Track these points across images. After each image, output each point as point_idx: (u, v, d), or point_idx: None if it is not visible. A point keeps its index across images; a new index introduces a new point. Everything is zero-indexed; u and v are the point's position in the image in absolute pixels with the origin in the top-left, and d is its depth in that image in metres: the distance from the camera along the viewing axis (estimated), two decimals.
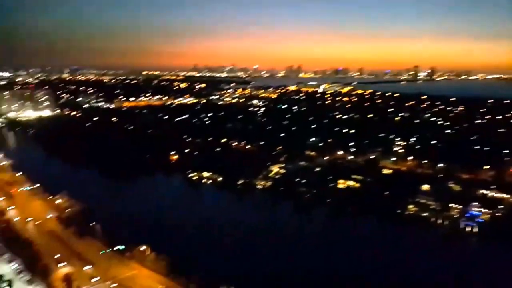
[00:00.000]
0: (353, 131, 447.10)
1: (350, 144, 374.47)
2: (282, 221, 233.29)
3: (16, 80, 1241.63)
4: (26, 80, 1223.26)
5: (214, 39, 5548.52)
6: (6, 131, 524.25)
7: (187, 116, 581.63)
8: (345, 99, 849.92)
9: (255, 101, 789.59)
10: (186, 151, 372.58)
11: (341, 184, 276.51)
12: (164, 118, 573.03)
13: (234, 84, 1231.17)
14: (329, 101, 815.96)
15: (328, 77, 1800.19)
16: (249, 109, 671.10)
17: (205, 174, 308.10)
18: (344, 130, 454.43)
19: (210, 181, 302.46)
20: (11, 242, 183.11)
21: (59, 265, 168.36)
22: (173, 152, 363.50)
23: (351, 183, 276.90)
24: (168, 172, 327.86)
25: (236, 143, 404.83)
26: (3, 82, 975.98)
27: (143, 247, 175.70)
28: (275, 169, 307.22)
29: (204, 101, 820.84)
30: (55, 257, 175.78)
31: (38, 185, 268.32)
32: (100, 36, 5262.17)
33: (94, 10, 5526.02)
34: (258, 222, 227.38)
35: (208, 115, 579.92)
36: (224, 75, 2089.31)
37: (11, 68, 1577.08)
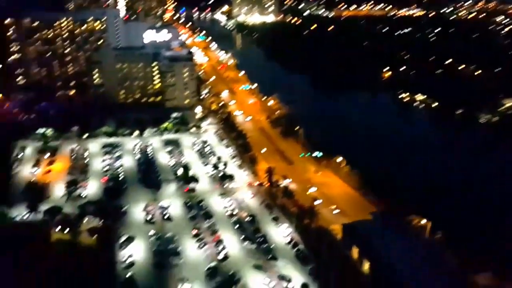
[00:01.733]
0: None
1: None
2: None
3: None
4: None
5: None
6: (235, 33, 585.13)
7: (409, 29, 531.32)
8: None
9: (499, 18, 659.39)
10: (401, 69, 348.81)
11: None
12: (384, 30, 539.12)
13: None
14: None
15: None
16: (489, 28, 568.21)
17: (419, 97, 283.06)
18: None
19: (423, 105, 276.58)
20: (230, 131, 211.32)
21: (263, 159, 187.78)
22: (387, 68, 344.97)
23: None
24: (378, 89, 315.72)
25: (463, 66, 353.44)
26: None
27: (340, 158, 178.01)
28: (508, 103, 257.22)
29: (433, 13, 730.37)
30: (262, 151, 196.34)
31: (256, 84, 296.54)
32: None
33: None
34: (474, 165, 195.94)
35: (435, 30, 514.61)
36: None
37: None
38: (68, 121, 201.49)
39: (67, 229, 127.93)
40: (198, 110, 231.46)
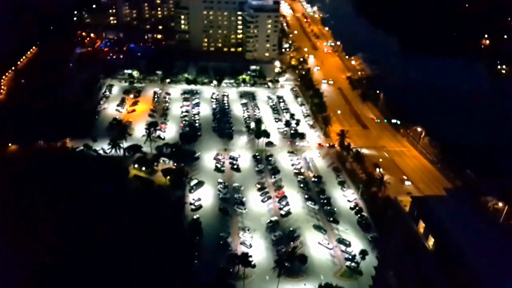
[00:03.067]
0: None
1: None
2: None
3: None
4: None
5: None
6: None
7: None
8: None
9: None
10: (504, 37, 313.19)
11: None
12: None
13: None
14: None
15: None
16: None
17: None
18: None
19: None
20: (306, 88, 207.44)
21: (338, 120, 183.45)
22: (486, 35, 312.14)
23: None
24: (473, 57, 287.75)
25: None
26: None
27: (419, 129, 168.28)
28: None
29: None
30: (337, 112, 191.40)
31: (339, 42, 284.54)
32: None
33: None
34: None
35: None
36: None
37: None
38: (153, 64, 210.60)
39: (144, 167, 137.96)
40: (277, 64, 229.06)
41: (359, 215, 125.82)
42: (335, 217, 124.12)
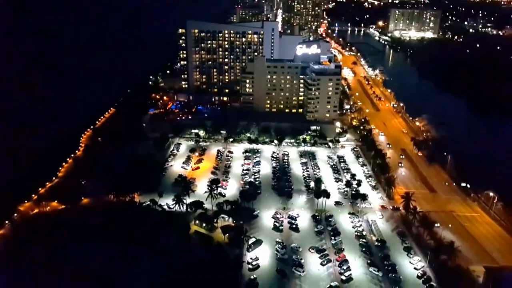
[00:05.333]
0: None
1: None
2: None
3: None
4: None
5: None
6: (387, 49, 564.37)
7: None
8: None
9: None
10: None
11: None
12: None
13: None
14: None
15: None
16: None
17: None
18: None
19: None
20: (368, 149, 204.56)
21: (402, 182, 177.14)
22: None
23: None
24: None
25: None
26: (396, 0, 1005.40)
27: (491, 194, 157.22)
28: None
29: None
30: (402, 173, 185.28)
31: (402, 103, 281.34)
32: None
33: None
34: None
35: None
36: None
37: None
38: (219, 124, 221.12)
39: (205, 223, 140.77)
40: (338, 125, 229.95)
41: (427, 285, 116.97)
42: (400, 286, 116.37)
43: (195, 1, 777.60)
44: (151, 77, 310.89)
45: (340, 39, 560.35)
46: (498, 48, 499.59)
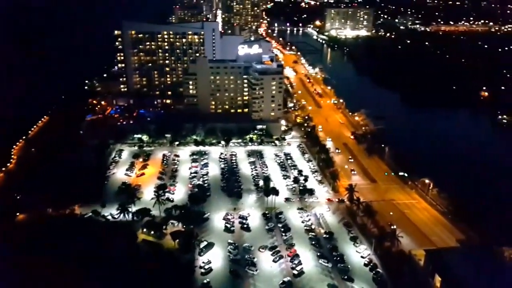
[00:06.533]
0: None
1: None
2: None
3: None
4: None
5: None
6: (325, 47, 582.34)
7: None
8: None
9: None
10: (501, 88, 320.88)
11: None
12: (484, 47, 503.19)
13: None
14: None
15: None
16: None
17: None
18: None
19: None
20: (313, 145, 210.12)
21: (345, 175, 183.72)
22: (485, 87, 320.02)
23: None
24: (473, 109, 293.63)
25: None
26: (332, 0, 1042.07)
27: (427, 180, 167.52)
28: None
29: None
30: (344, 166, 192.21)
31: (342, 100, 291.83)
32: None
33: None
34: None
35: None
36: None
37: None
38: (162, 128, 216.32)
39: (153, 231, 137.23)
40: (283, 123, 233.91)
41: (374, 272, 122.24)
42: (349, 275, 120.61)
43: (130, 3, 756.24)
44: (86, 81, 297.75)
45: (280, 39, 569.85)
46: (426, 43, 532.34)
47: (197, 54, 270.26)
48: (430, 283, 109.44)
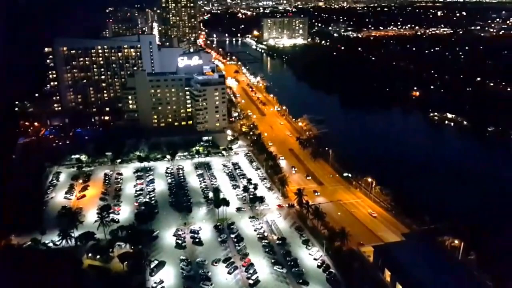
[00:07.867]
0: None
1: None
2: None
3: (279, 8, 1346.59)
4: (287, 8, 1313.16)
5: None
6: (265, 56, 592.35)
7: (438, 49, 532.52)
8: None
9: None
10: (430, 87, 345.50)
11: None
12: (413, 49, 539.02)
13: (505, 12, 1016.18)
14: None
15: None
16: None
17: (449, 115, 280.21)
18: None
19: (453, 123, 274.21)
20: (260, 153, 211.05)
21: (293, 180, 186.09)
22: (416, 87, 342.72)
23: None
24: (406, 108, 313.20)
25: (492, 84, 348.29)
26: (267, 11, 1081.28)
27: (369, 179, 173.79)
28: None
29: (462, 32, 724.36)
30: (292, 171, 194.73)
31: (284, 107, 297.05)
32: None
33: None
34: (508, 184, 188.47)
35: (465, 48, 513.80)
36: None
37: None
38: (102, 146, 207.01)
39: (99, 255, 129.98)
40: (229, 133, 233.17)
41: (327, 272, 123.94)
42: (304, 279, 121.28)
43: (60, 20, 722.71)
44: (16, 102, 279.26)
45: (220, 49, 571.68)
46: (359, 49, 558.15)
47: (135, 68, 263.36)
48: (380, 277, 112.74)
